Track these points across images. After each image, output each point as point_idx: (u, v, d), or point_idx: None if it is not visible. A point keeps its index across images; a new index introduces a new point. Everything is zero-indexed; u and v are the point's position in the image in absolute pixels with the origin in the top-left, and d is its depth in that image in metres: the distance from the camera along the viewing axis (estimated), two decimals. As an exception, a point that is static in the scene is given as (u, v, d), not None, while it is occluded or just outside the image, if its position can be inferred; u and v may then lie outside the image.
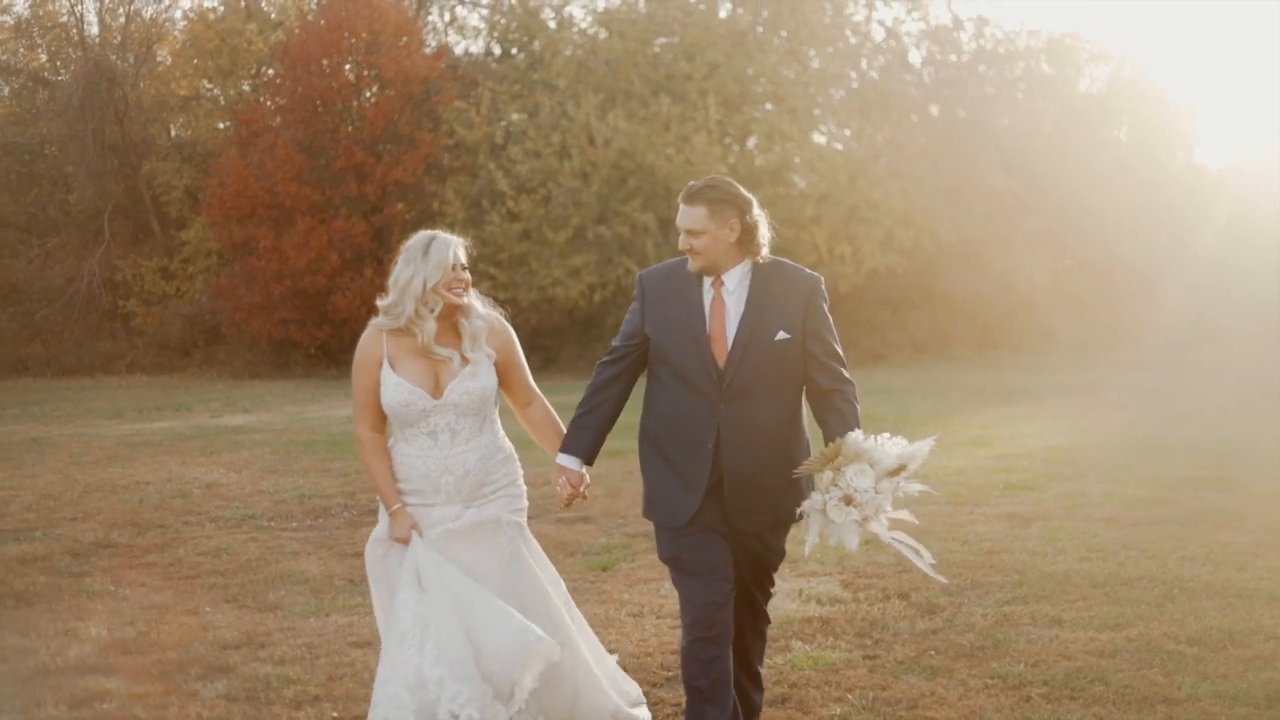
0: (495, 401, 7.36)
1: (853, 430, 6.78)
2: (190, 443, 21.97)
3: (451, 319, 7.27)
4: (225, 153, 42.43)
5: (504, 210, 39.91)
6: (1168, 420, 22.16)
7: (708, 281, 7.06)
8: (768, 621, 7.61)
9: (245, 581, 11.70)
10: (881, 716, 7.60)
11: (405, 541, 7.10)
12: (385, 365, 7.20)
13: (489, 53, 45.22)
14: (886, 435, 6.71)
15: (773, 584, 7.53)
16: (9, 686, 8.58)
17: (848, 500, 6.55)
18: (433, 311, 7.11)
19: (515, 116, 41.72)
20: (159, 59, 46.78)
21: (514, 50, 44.33)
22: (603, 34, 42.48)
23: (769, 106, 41.34)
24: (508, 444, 7.45)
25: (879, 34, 44.69)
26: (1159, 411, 23.68)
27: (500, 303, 7.67)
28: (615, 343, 7.29)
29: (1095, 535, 12.69)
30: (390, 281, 7.20)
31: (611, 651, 8.37)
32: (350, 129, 41.18)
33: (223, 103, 46.21)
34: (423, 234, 7.26)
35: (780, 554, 7.35)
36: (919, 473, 6.70)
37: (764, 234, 7.03)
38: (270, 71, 44.74)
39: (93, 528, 14.33)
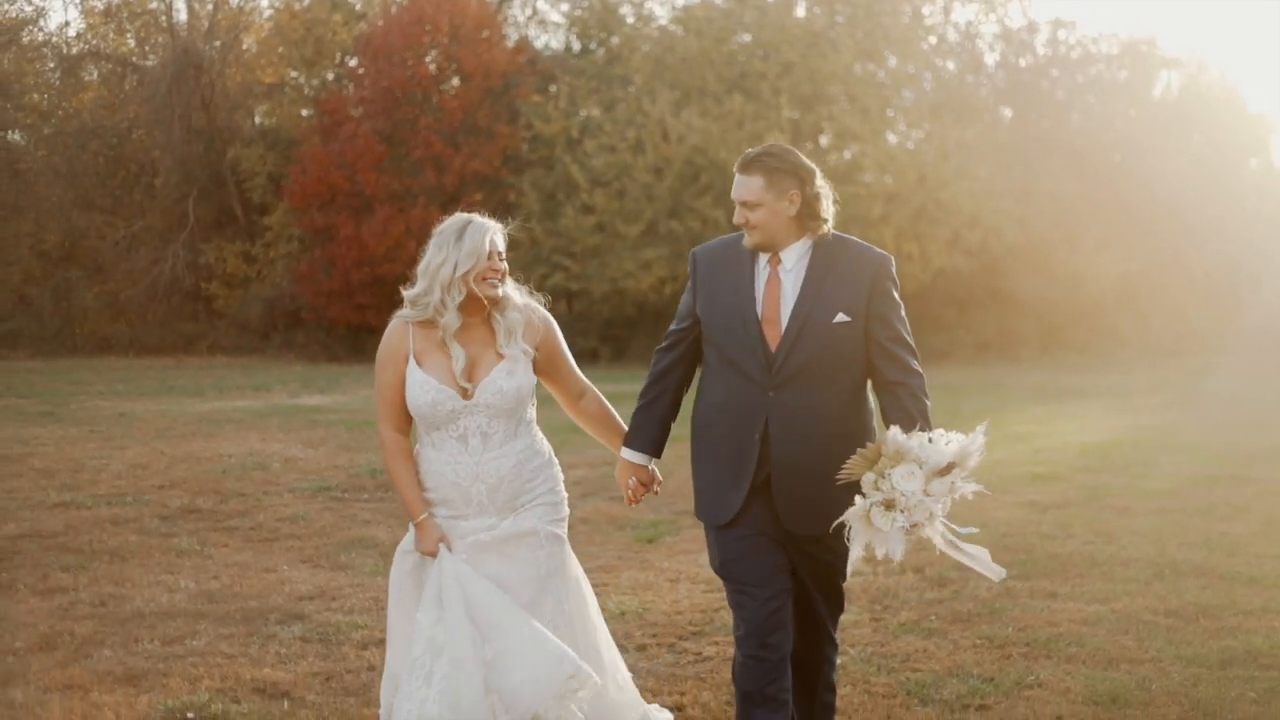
0: (532, 401, 6.76)
1: (909, 424, 6.18)
2: (269, 420, 22.81)
3: (484, 312, 6.67)
4: (308, 141, 43.12)
5: (578, 203, 40.49)
6: (1208, 422, 22.65)
7: (764, 258, 6.49)
8: (836, 648, 7.00)
9: (319, 545, 12.57)
10: (875, 667, 8.37)
11: (433, 554, 6.50)
12: (411, 361, 6.62)
13: (568, 48, 45.80)
14: (939, 431, 6.09)
15: (842, 599, 6.89)
16: (109, 626, 9.57)
17: (890, 505, 5.95)
18: (456, 302, 6.54)
19: (592, 111, 42.33)
20: (245, 47, 47.45)
21: (592, 45, 44.90)
22: (679, 31, 43.02)
23: (846, 102, 41.73)
24: (546, 446, 6.84)
25: (953, 36, 45.05)
26: (1203, 414, 24.15)
27: (573, 294, 7.09)
28: (671, 326, 6.81)
29: (1105, 522, 13.46)
30: (419, 268, 6.65)
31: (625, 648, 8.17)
32: (430, 120, 41.82)
33: (306, 92, 46.89)
34: (458, 217, 6.69)
35: (844, 556, 6.43)
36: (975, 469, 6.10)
37: (827, 208, 6.44)
38: (353, 62, 45.46)
39: (179, 495, 15.21)
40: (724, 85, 41.43)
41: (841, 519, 6.09)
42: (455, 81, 43.21)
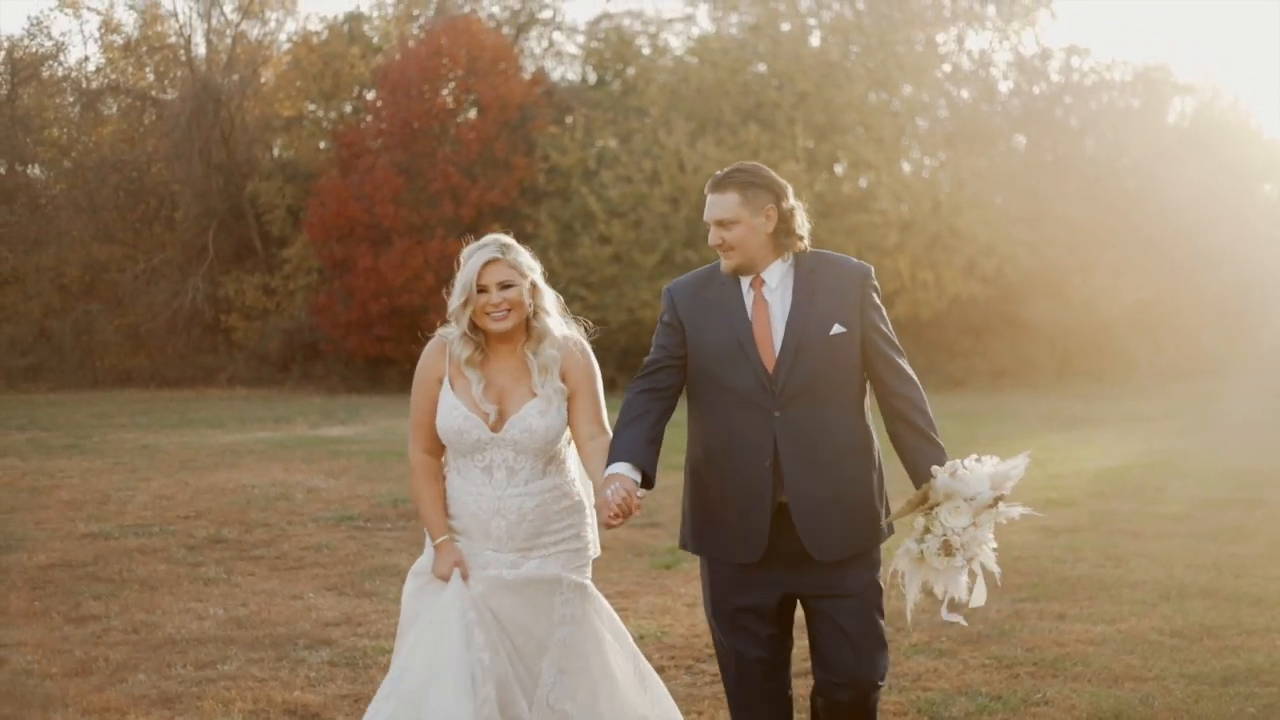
0: (564, 441, 6.48)
1: (931, 452, 6.12)
2: (291, 451, 23.08)
3: (514, 342, 6.45)
4: (326, 173, 43.46)
5: (595, 234, 40.76)
6: (1222, 447, 22.81)
7: (745, 283, 6.34)
8: (877, 689, 6.41)
9: (344, 572, 12.83)
10: (887, 686, 8.49)
11: (446, 578, 6.28)
12: (445, 383, 6.42)
13: (584, 79, 46.11)
14: (974, 457, 6.00)
15: (884, 651, 6.37)
16: (142, 652, 9.87)
17: (948, 549, 5.86)
18: (461, 329, 6.37)
19: (608, 143, 42.62)
20: (263, 80, 47.80)
21: (608, 77, 45.22)
22: (695, 62, 43.31)
23: (861, 131, 41.95)
24: (578, 489, 6.56)
25: (967, 64, 45.27)
26: (1217, 438, 24.32)
27: (594, 323, 6.84)
28: (648, 359, 6.49)
29: (1115, 546, 13.67)
30: None
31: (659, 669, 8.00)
32: (447, 152, 42.12)
33: (324, 124, 47.22)
34: (476, 242, 6.50)
35: (876, 588, 6.35)
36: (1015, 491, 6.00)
37: (802, 223, 6.33)
38: (371, 95, 45.81)
39: (204, 525, 15.49)
40: (739, 116, 41.71)
41: (893, 567, 6.01)
42: (472, 114, 43.56)
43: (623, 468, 6.10)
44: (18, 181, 46.50)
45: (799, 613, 6.50)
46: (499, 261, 6.35)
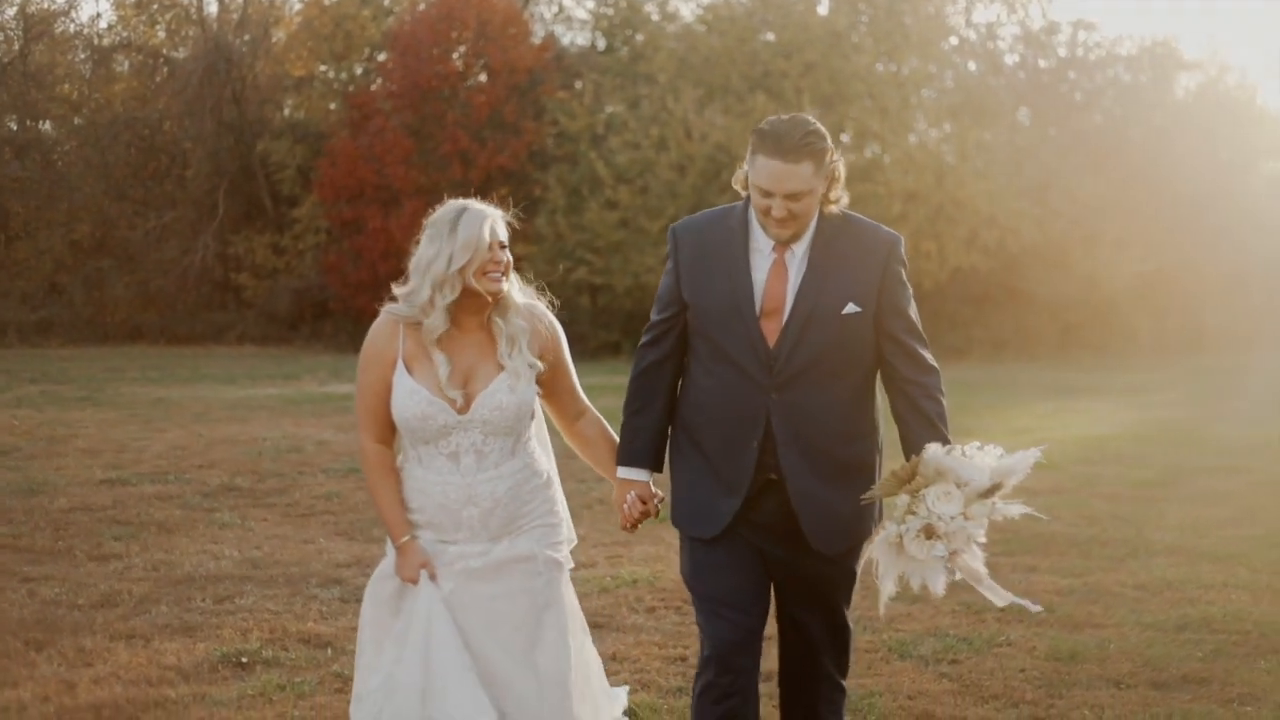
0: (532, 417, 6.05)
1: (937, 440, 5.57)
2: (301, 406, 23.60)
3: (483, 313, 5.96)
4: (336, 134, 43.75)
5: (603, 199, 41.01)
6: (1211, 417, 23.32)
7: (763, 238, 5.78)
8: (843, 692, 6.30)
9: (353, 520, 13.40)
10: (862, 628, 9.13)
11: (413, 581, 5.85)
12: (400, 366, 5.91)
13: (593, 45, 46.38)
14: (975, 445, 5.49)
15: (848, 630, 6.24)
16: (163, 587, 10.53)
17: (929, 532, 5.36)
18: (447, 301, 5.83)
19: (616, 108, 42.95)
20: (275, 40, 47.98)
21: (617, 43, 45.49)
22: (703, 30, 43.61)
23: (869, 102, 42.22)
24: (545, 465, 6.16)
25: (974, 37, 45.54)
26: (1207, 409, 24.78)
27: (596, 288, 6.23)
28: (653, 316, 6.01)
29: (1092, 507, 14.27)
30: (411, 263, 5.98)
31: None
32: (457, 115, 42.40)
33: (335, 86, 47.52)
34: (451, 204, 5.99)
35: (851, 576, 6.06)
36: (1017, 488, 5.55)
37: (842, 172, 5.75)
38: (382, 57, 46.12)
39: (218, 474, 16.06)
40: (747, 84, 41.98)
41: (868, 549, 5.62)
42: (482, 77, 43.80)
43: (632, 473, 6.01)
44: (29, 138, 46.78)
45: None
46: (498, 222, 6.00)
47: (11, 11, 46.41)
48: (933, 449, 5.42)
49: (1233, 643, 9.02)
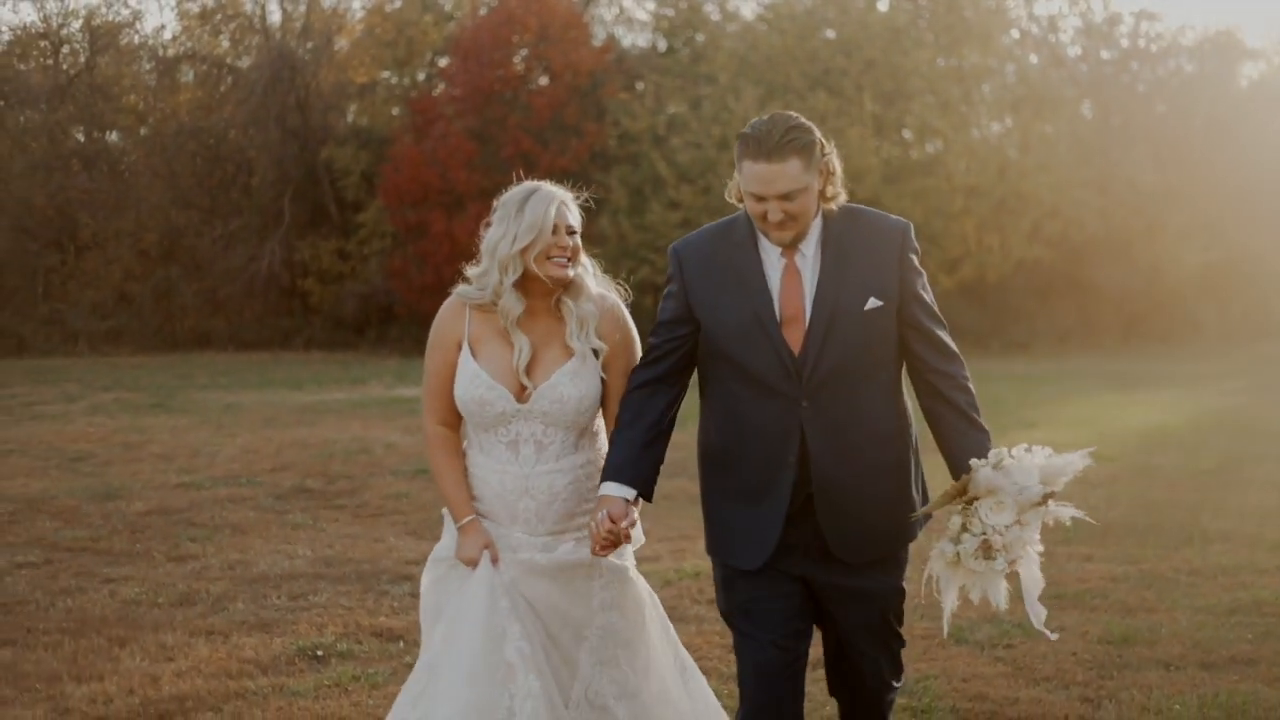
0: (596, 410, 5.87)
1: (975, 436, 5.49)
2: (369, 410, 23.87)
3: (551, 297, 5.80)
4: (400, 139, 43.98)
5: (665, 199, 41.12)
6: (1273, 405, 23.37)
7: (771, 246, 5.57)
8: (895, 691, 6.08)
9: (423, 519, 13.73)
10: (919, 615, 9.26)
11: (473, 564, 5.70)
12: (465, 349, 5.80)
13: (654, 46, 46.53)
14: (1023, 446, 5.32)
15: (900, 641, 5.97)
16: (239, 586, 10.88)
17: (987, 549, 5.23)
18: (511, 281, 5.71)
19: (678, 109, 43.08)
20: (337, 48, 48.33)
21: (678, 44, 45.64)
22: (764, 29, 43.71)
23: (930, 97, 42.22)
24: None
25: (1035, 30, 45.51)
26: (1270, 397, 24.82)
27: (659, 289, 6.30)
28: (651, 340, 5.74)
29: (1149, 496, 14.44)
30: (483, 244, 5.89)
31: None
32: (519, 118, 42.63)
33: (398, 91, 47.83)
34: (523, 185, 5.97)
35: (900, 593, 5.83)
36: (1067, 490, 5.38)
37: (837, 167, 5.54)
38: (444, 62, 46.42)
39: (289, 476, 16.42)
40: (807, 82, 42.03)
41: (927, 572, 5.42)
42: (544, 80, 44.05)
43: (611, 488, 5.54)
44: (97, 149, 47.20)
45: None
46: (566, 203, 5.90)
47: (77, 25, 46.98)
48: (982, 468, 5.25)
49: (1282, 625, 9.23)
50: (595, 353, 5.79)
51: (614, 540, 5.43)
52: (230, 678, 8.43)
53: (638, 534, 5.89)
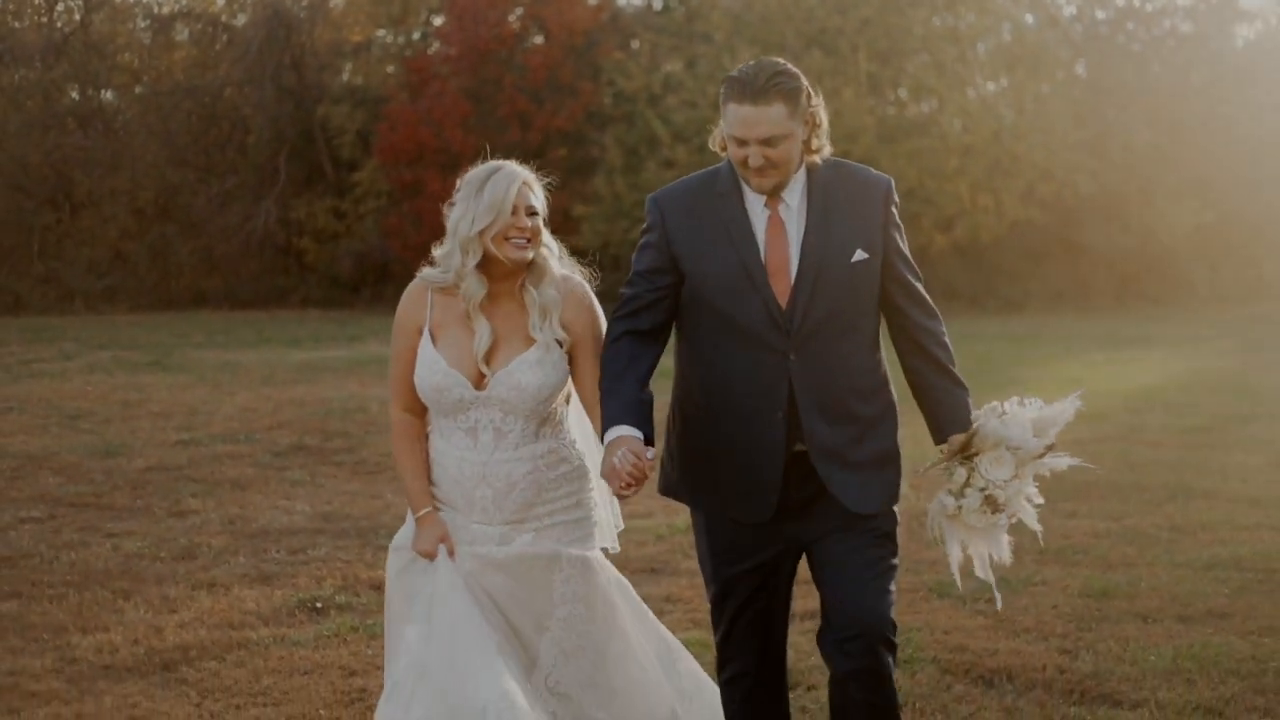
0: (567, 400, 5.84)
1: (958, 393, 5.54)
2: (366, 368, 23.97)
3: (515, 280, 5.69)
4: (395, 98, 44.02)
5: (661, 158, 41.11)
6: (1262, 365, 23.45)
7: (755, 197, 5.48)
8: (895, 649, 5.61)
9: (418, 475, 13.89)
10: (905, 570, 9.38)
11: (430, 555, 5.64)
12: (425, 334, 5.72)
13: (649, 5, 46.50)
14: (1015, 400, 5.48)
15: (891, 594, 5.59)
16: (240, 540, 11.15)
17: (992, 504, 5.34)
18: (473, 264, 5.60)
19: (673, 68, 43.11)
20: (332, 5, 48.30)
21: (673, 3, 45.62)
22: (758, -13, 43.71)
23: (925, 57, 42.25)
24: (576, 452, 5.84)
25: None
26: (1260, 358, 24.85)
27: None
28: (626, 291, 5.56)
29: (1136, 454, 14.68)
30: (447, 225, 5.76)
31: None
32: (514, 78, 42.64)
33: (393, 50, 47.84)
34: (485, 165, 5.80)
35: (892, 520, 5.64)
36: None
37: (824, 119, 5.46)
38: (439, 20, 46.43)
39: (287, 434, 16.63)
40: (802, 41, 42.02)
41: (930, 524, 5.57)
42: (539, 39, 44.09)
43: (626, 430, 5.29)
44: (92, 108, 47.16)
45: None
46: (529, 184, 5.72)
47: (71, -18, 46.99)
48: (989, 420, 5.36)
49: (1258, 580, 9.51)
50: (562, 341, 5.67)
51: (640, 477, 5.17)
52: (232, 628, 8.68)
53: (611, 536, 6.03)
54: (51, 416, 18.06)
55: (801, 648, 7.63)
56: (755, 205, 5.46)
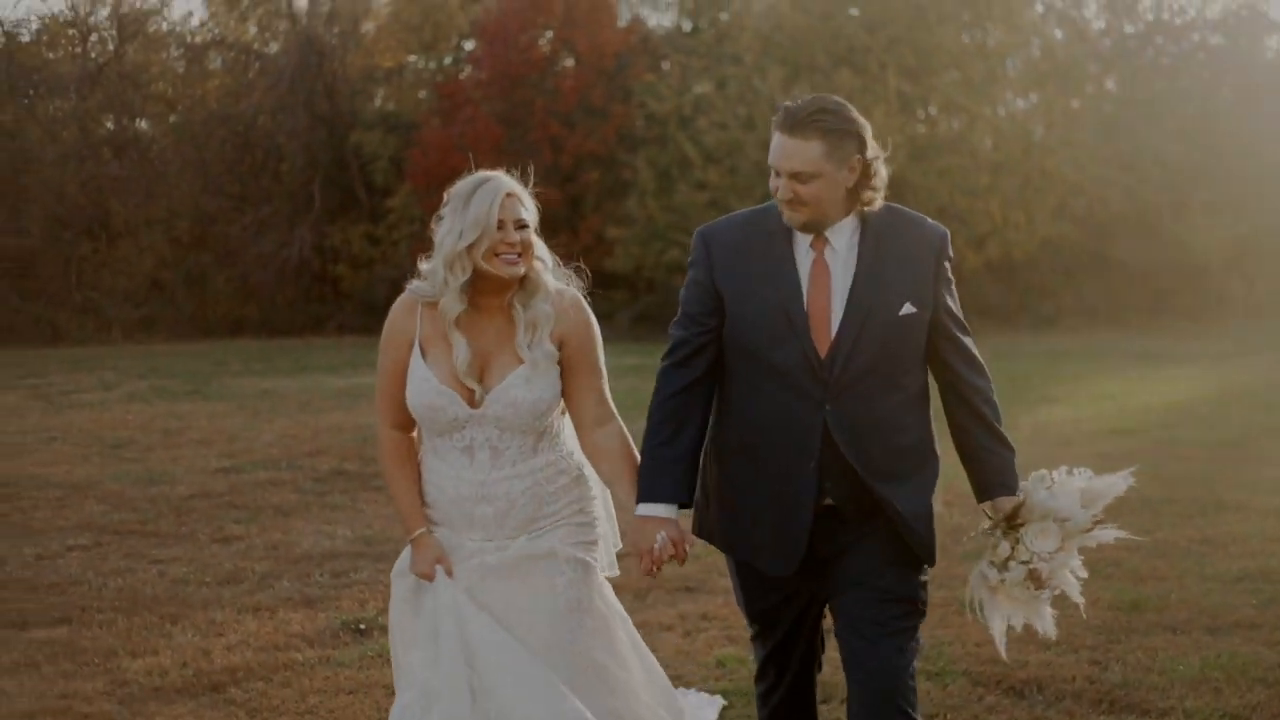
0: (563, 412, 5.66)
1: (1005, 455, 5.42)
2: (403, 394, 24.17)
3: (505, 295, 5.54)
4: (428, 123, 44.22)
5: (692, 180, 41.16)
6: (1296, 380, 23.45)
7: (803, 239, 5.33)
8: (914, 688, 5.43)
9: (458, 499, 14.08)
10: (937, 585, 9.45)
11: (428, 577, 5.49)
12: (416, 349, 5.57)
13: (678, 27, 46.67)
14: (1063, 469, 5.39)
15: (912, 641, 5.44)
16: (283, 565, 11.37)
17: (1036, 579, 5.22)
18: (459, 282, 5.46)
19: (703, 89, 43.22)
20: (364, 32, 48.57)
21: (703, 24, 45.76)
22: (787, 8, 43.76)
23: (955, 74, 42.30)
24: (574, 462, 5.67)
25: (1059, 4, 45.48)
26: (1294, 373, 24.91)
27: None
28: (677, 333, 5.47)
29: (1167, 468, 14.78)
30: (435, 239, 5.63)
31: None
32: (545, 101, 42.80)
33: (425, 75, 48.08)
34: (472, 176, 5.68)
35: (922, 598, 5.50)
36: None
37: (882, 174, 5.29)
38: (470, 46, 46.67)
39: (328, 460, 16.85)
40: (832, 60, 42.10)
41: (969, 593, 5.47)
42: (569, 62, 44.26)
43: (662, 509, 5.33)
44: (127, 136, 47.42)
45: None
46: (516, 196, 5.60)
47: (105, 12, 47.31)
48: (1037, 490, 5.26)
49: (1287, 592, 9.62)
50: (551, 356, 5.53)
51: (672, 560, 5.30)
52: (278, 650, 8.87)
53: (610, 558, 5.89)
54: (94, 446, 18.29)
55: (835, 660, 7.76)
56: (802, 246, 5.35)
